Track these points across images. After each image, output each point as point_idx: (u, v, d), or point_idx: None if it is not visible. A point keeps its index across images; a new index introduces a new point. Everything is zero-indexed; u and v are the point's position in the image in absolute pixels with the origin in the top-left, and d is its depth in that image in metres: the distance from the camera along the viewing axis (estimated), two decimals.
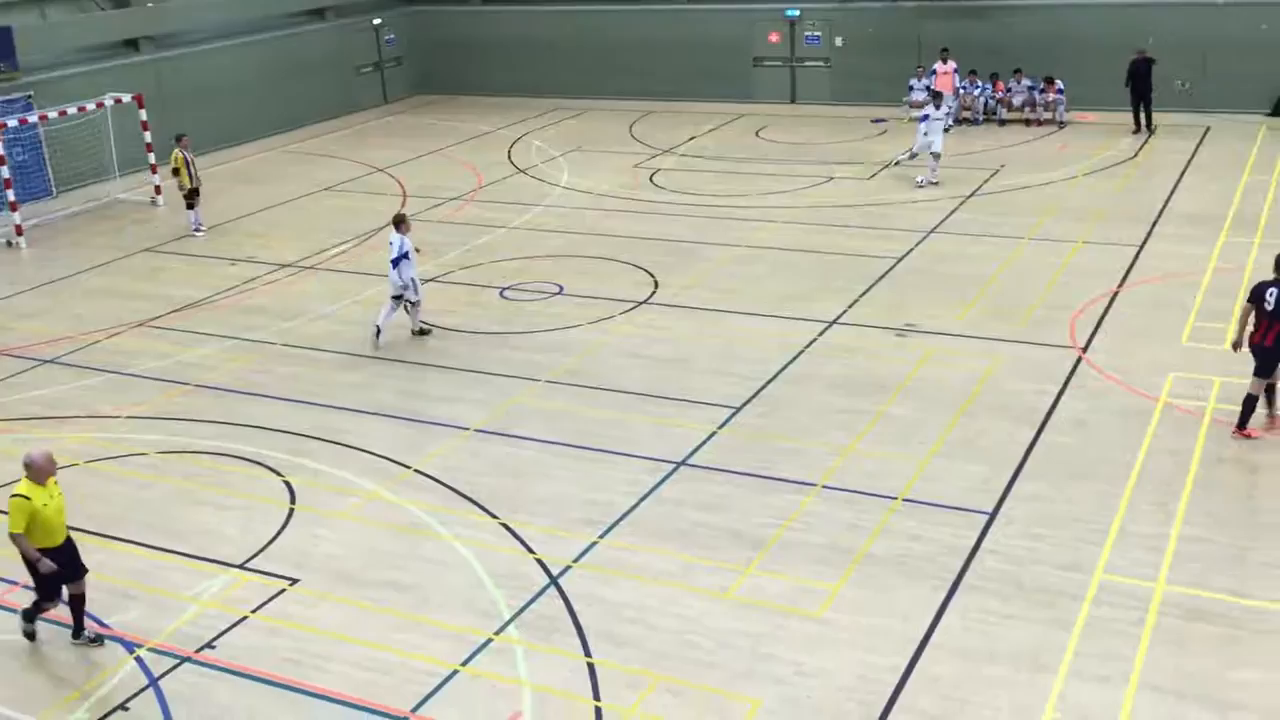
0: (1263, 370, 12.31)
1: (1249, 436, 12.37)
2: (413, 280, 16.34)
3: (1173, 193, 22.03)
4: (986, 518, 11.24)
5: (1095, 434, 12.77)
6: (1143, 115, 26.80)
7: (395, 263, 16.12)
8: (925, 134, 23.27)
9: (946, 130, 24.46)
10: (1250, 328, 12.44)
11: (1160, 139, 26.30)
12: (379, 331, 16.44)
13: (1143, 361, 14.48)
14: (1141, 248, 18.95)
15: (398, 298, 16.41)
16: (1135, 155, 25.13)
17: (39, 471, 9.52)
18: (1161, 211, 20.90)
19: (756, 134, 29.43)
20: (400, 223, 16.44)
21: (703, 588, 10.41)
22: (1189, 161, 24.23)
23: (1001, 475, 11.99)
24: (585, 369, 15.30)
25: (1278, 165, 23.46)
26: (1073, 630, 9.48)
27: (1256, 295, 12.31)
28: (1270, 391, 12.51)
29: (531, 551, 11.13)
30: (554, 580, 10.63)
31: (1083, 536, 10.80)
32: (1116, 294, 16.93)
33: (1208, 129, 26.84)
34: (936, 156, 23.16)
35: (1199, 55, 27.76)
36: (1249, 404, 12.39)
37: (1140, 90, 26.62)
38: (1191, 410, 13.13)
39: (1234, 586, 9.91)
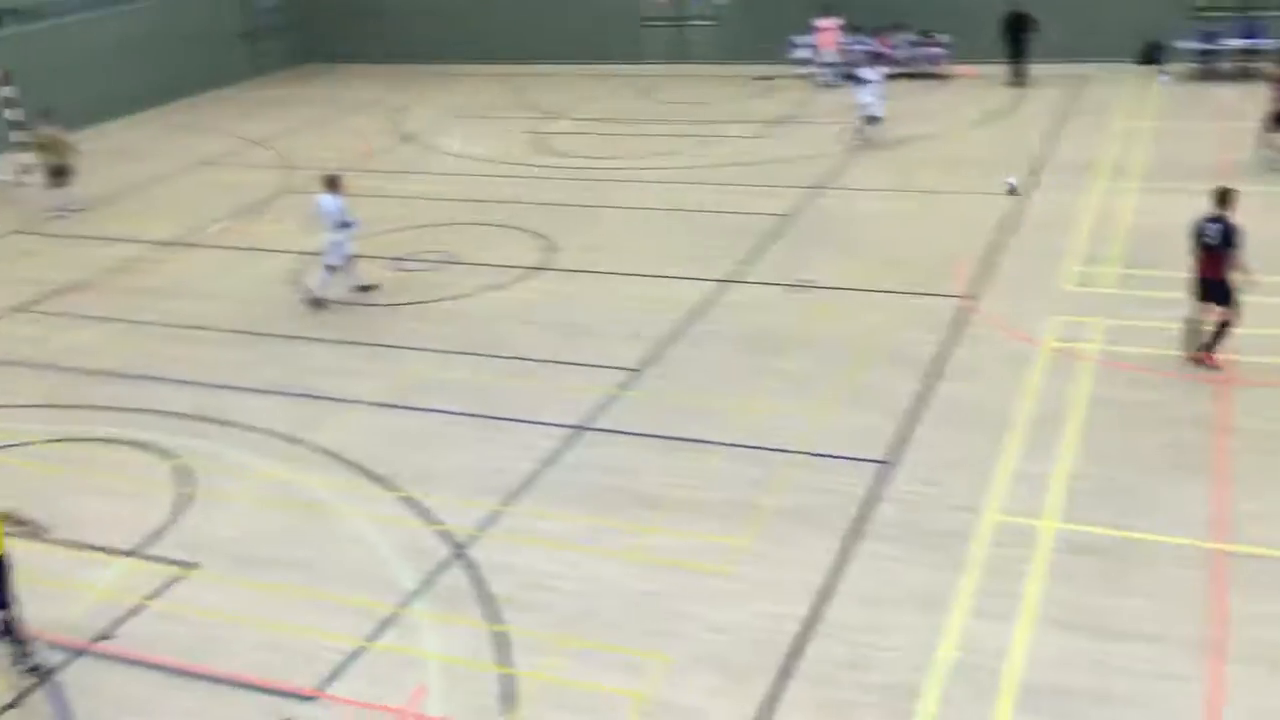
0: (1220, 300, 12.70)
1: (1215, 365, 12.83)
2: (335, 244, 16.23)
3: (1052, 141, 22.60)
4: (884, 467, 11.48)
5: (984, 379, 13.11)
6: (1018, 69, 27.40)
7: (347, 225, 16.10)
8: (864, 96, 22.98)
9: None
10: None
11: (1038, 89, 26.92)
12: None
13: (1028, 307, 14.88)
14: (1025, 196, 19.42)
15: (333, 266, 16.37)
16: (1016, 107, 25.69)
17: None
18: (1042, 160, 21.44)
19: (647, 95, 29.36)
20: (334, 183, 16.19)
21: (609, 550, 10.47)
22: (1067, 111, 24.87)
23: (896, 424, 12.25)
24: (483, 337, 15.18)
25: (1149, 112, 24.21)
26: (968, 571, 9.76)
27: (1198, 231, 12.76)
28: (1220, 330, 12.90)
29: (436, 523, 11.06)
30: (459, 550, 10.58)
31: (975, 479, 11.10)
32: (1001, 242, 17.34)
33: (1082, 78, 27.56)
34: (874, 120, 23.03)
35: (1073, 5, 28.39)
36: (1219, 332, 12.79)
37: (1016, 43, 27.21)
38: (1075, 353, 13.54)
39: (1118, 520, 10.29)
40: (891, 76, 28.98)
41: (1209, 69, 27.29)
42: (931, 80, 28.55)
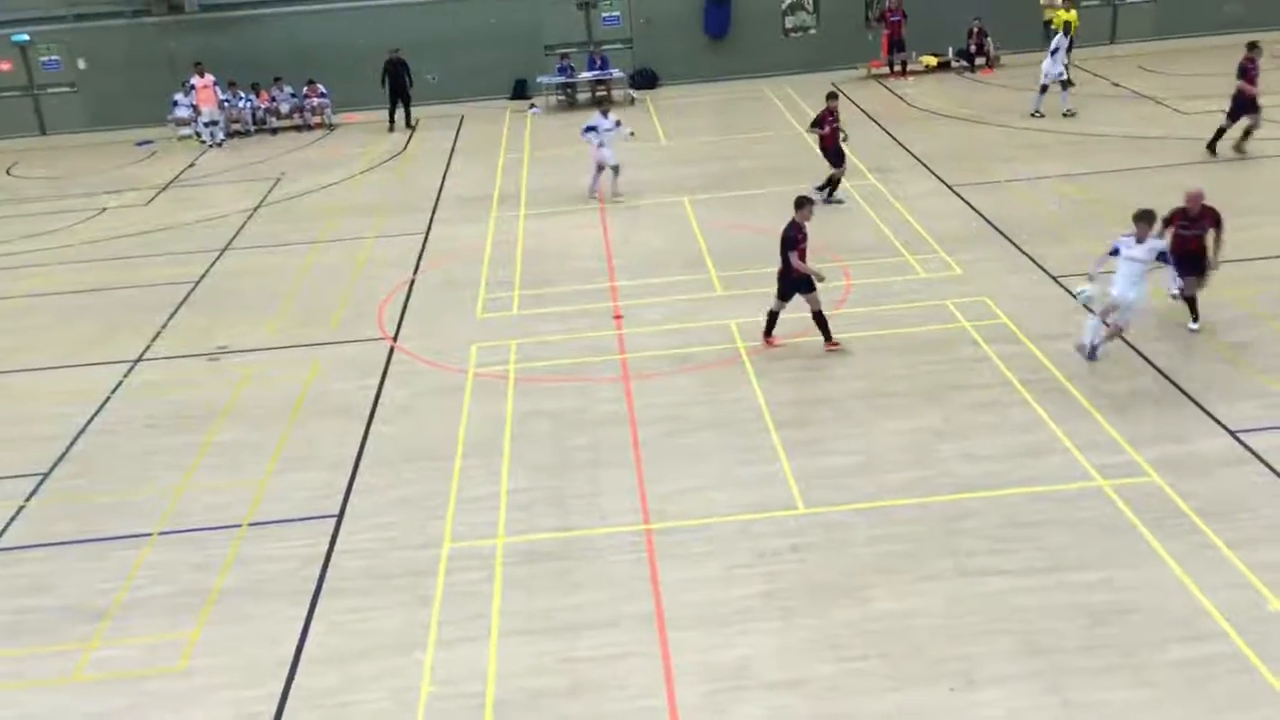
0: (800, 290, 13.79)
1: (774, 344, 14.14)
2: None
3: (444, 179, 23.63)
4: (335, 520, 11.33)
5: (419, 415, 13.39)
6: (400, 113, 28.35)
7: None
8: (600, 146, 20.57)
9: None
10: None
11: (423, 130, 28.04)
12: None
13: (448, 339, 15.42)
14: (427, 234, 20.12)
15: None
16: (405, 149, 26.55)
17: None
18: (438, 197, 22.34)
19: (8, 172, 26.58)
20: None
21: (46, 679, 9.34)
22: (452, 148, 26.14)
23: (341, 476, 12.14)
24: None
25: (526, 143, 26.14)
26: (434, 604, 9.92)
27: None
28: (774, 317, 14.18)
29: None
30: None
31: (427, 514, 11.30)
32: (413, 281, 17.83)
33: (462, 117, 29.12)
34: (616, 170, 20.89)
35: (446, 49, 29.91)
36: (819, 322, 13.91)
37: (397, 89, 28.15)
38: (497, 374, 14.26)
39: (558, 523, 10.98)
40: (278, 130, 28.83)
41: (570, 99, 30.03)
42: (318, 130, 28.67)
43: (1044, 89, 24.26)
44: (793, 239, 13.63)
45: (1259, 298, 14.54)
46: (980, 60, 29.71)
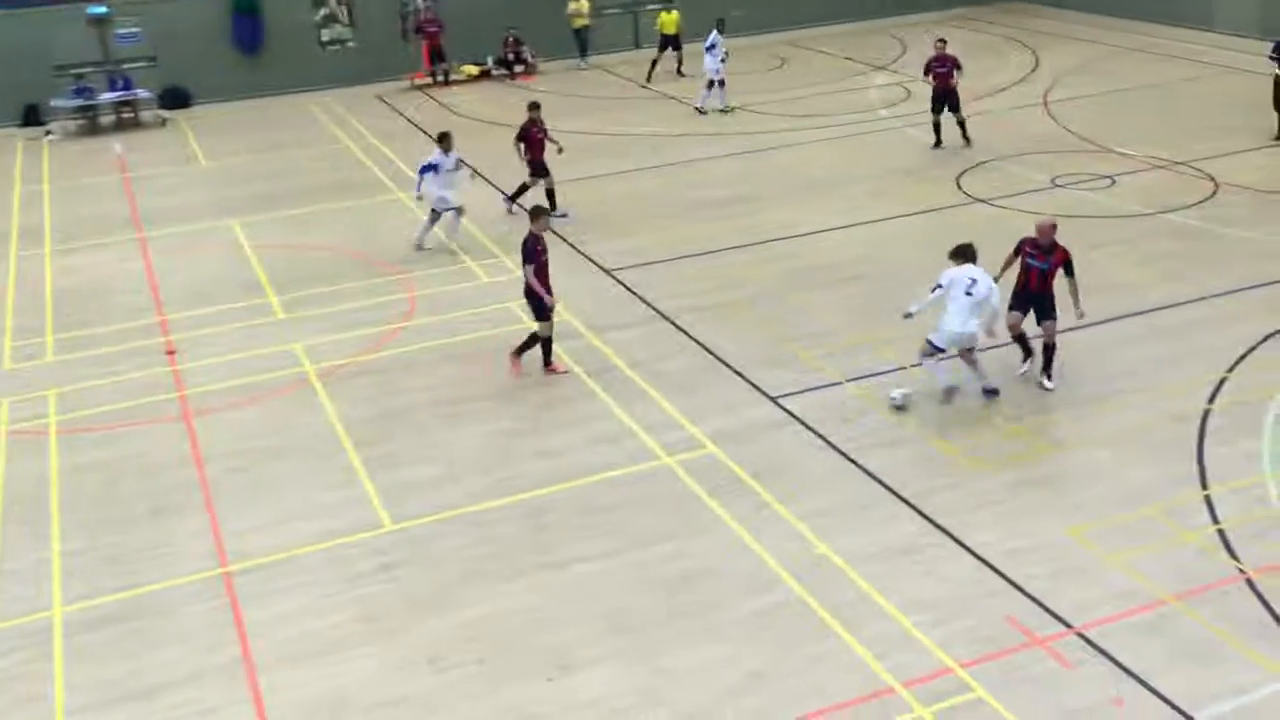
0: (534, 311, 13.37)
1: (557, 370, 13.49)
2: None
3: None
4: None
5: None
6: None
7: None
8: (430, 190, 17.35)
9: None
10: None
11: None
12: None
13: None
14: None
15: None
16: None
17: None
18: None
19: None
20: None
21: None
22: None
23: None
24: None
25: (45, 173, 23.79)
26: None
27: None
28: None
29: None
30: None
31: None
32: None
33: None
34: (459, 212, 17.65)
35: None
36: (544, 344, 13.44)
37: None
38: (35, 430, 12.90)
39: (124, 582, 10.09)
40: None
41: (91, 123, 27.67)
42: None
43: (710, 85, 25.04)
44: (531, 252, 13.07)
45: (774, 275, 16.09)
46: (519, 68, 30.62)
